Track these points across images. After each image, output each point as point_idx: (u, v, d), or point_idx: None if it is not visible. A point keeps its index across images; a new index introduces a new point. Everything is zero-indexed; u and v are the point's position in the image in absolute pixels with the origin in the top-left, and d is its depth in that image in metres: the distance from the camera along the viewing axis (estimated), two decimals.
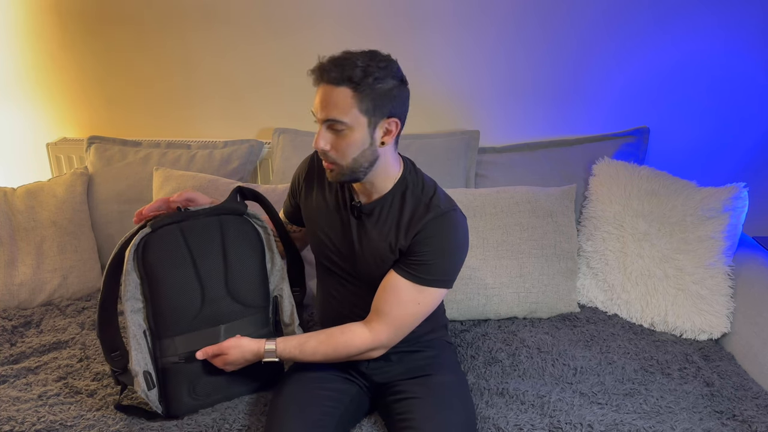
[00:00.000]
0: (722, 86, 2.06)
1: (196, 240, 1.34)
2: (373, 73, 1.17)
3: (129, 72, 2.23)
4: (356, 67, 1.16)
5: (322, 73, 1.18)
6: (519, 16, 2.03)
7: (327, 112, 1.19)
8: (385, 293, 1.29)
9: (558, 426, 1.30)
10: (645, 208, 1.79)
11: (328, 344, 1.31)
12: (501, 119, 2.17)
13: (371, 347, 1.30)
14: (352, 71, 1.16)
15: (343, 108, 1.17)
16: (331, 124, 1.19)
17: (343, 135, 1.20)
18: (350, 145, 1.20)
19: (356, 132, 1.19)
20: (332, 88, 1.17)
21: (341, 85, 1.17)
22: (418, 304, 1.29)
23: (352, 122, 1.18)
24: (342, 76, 1.16)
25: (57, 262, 1.90)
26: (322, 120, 1.20)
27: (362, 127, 1.19)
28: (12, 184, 2.04)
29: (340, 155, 1.22)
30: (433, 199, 1.29)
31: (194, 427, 1.31)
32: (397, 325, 1.30)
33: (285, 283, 1.46)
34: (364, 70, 1.16)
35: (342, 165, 1.23)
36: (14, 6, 2.16)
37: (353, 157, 1.21)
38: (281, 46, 2.13)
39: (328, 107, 1.18)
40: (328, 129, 1.21)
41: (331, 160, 1.24)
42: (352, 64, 1.16)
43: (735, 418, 1.36)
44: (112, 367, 1.35)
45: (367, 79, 1.16)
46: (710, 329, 1.67)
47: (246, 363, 1.35)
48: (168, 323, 1.32)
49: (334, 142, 1.21)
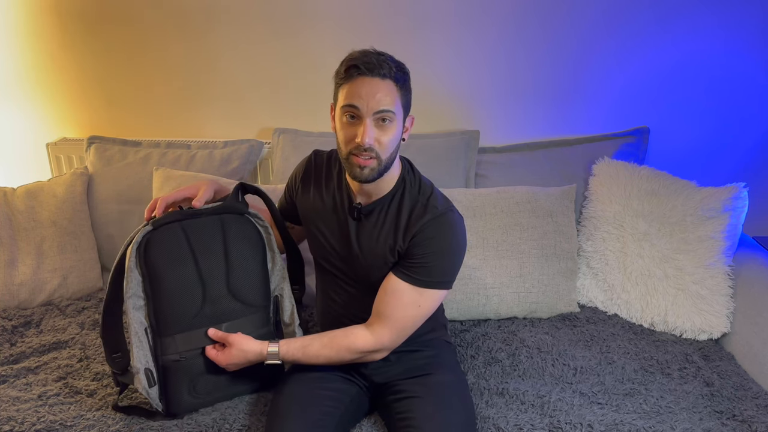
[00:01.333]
0: (722, 86, 2.06)
1: (198, 238, 1.35)
2: (404, 68, 1.25)
3: (129, 72, 2.23)
4: (394, 63, 1.23)
5: (371, 68, 1.20)
6: (519, 16, 2.03)
7: (378, 102, 1.20)
8: (386, 296, 1.29)
9: (558, 426, 1.30)
10: (645, 208, 1.79)
11: (331, 347, 1.31)
12: (501, 119, 2.17)
13: (373, 350, 1.31)
14: (394, 66, 1.22)
15: (392, 100, 1.21)
16: (382, 116, 1.21)
17: (387, 128, 1.22)
18: (392, 138, 1.24)
19: (397, 125, 1.24)
20: (380, 80, 1.20)
21: (387, 78, 1.21)
22: (418, 307, 1.29)
23: (396, 113, 1.23)
24: (389, 71, 1.21)
25: (57, 262, 1.90)
26: (373, 112, 1.20)
27: (400, 120, 1.25)
28: (12, 184, 2.04)
29: (383, 149, 1.23)
30: (431, 199, 1.29)
31: (194, 427, 1.31)
32: (399, 327, 1.30)
33: (286, 283, 1.46)
34: (400, 68, 1.23)
35: (382, 159, 1.24)
36: (14, 6, 2.16)
37: (391, 150, 1.25)
38: (281, 46, 2.13)
39: (380, 99, 1.20)
40: (374, 123, 1.22)
41: (376, 153, 1.23)
42: (389, 61, 1.22)
43: (735, 418, 1.36)
44: (112, 369, 1.36)
45: (406, 77, 1.25)
46: (710, 329, 1.67)
47: (248, 363, 1.35)
48: (169, 321, 1.33)
49: (378, 136, 1.22)
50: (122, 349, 1.36)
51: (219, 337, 1.35)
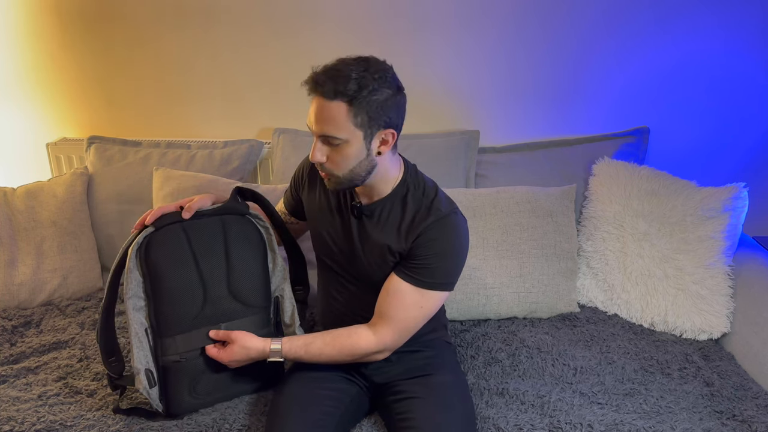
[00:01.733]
0: (722, 86, 2.06)
1: (199, 239, 1.35)
2: (368, 85, 1.14)
3: (129, 72, 2.23)
4: (350, 80, 1.13)
5: (316, 86, 1.16)
6: (519, 16, 2.03)
7: (321, 127, 1.17)
8: (388, 297, 1.29)
9: (558, 426, 1.30)
10: (645, 208, 1.79)
11: (333, 346, 1.31)
12: (501, 119, 2.17)
13: (376, 350, 1.31)
14: (346, 84, 1.13)
15: (338, 123, 1.15)
16: (326, 139, 1.19)
17: (338, 149, 1.19)
18: (346, 157, 1.20)
19: (352, 145, 1.18)
20: (326, 101, 1.15)
21: (336, 98, 1.14)
22: (421, 308, 1.29)
23: (347, 137, 1.17)
24: (336, 89, 1.13)
25: (57, 262, 1.90)
26: (317, 134, 1.19)
27: (358, 140, 1.18)
28: (12, 184, 2.04)
29: (337, 167, 1.22)
30: (434, 202, 1.29)
31: (194, 427, 1.31)
32: (401, 328, 1.30)
33: (286, 284, 1.46)
34: (359, 83, 1.13)
35: (339, 176, 1.23)
36: (14, 6, 2.16)
37: (350, 168, 1.21)
38: (281, 47, 2.13)
39: (323, 122, 1.16)
40: (323, 143, 1.20)
41: (327, 171, 1.24)
42: (346, 77, 1.13)
43: (735, 418, 1.36)
44: (108, 372, 1.36)
45: (362, 92, 1.13)
46: (710, 329, 1.67)
47: (249, 361, 1.35)
48: (169, 322, 1.33)
49: (330, 155, 1.21)
50: (116, 353, 1.37)
51: (221, 336, 1.34)
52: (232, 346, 1.32)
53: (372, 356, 1.32)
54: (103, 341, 1.34)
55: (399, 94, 1.20)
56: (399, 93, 1.20)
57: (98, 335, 1.34)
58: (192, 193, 1.82)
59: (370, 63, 1.17)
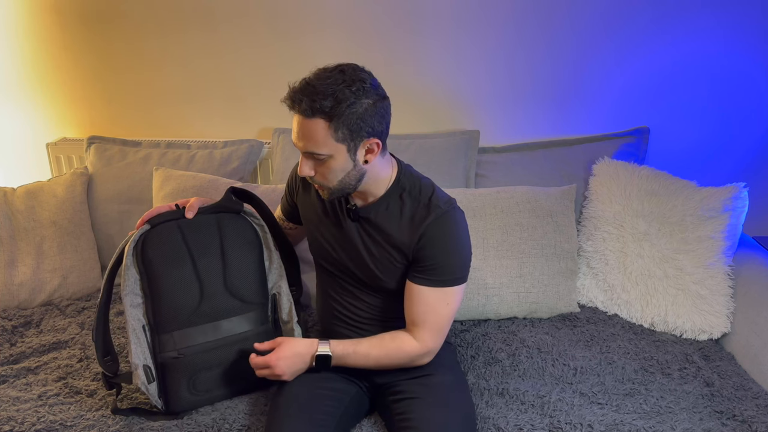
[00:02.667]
0: (722, 86, 2.06)
1: (195, 237, 1.36)
2: (347, 99, 1.13)
3: (129, 72, 2.23)
4: (327, 97, 1.12)
5: (293, 104, 1.16)
6: (519, 16, 2.03)
7: (304, 144, 1.19)
8: (414, 305, 1.31)
9: (558, 426, 1.30)
10: (645, 208, 1.79)
11: (380, 347, 1.32)
12: (501, 119, 2.17)
13: (421, 353, 1.32)
14: (322, 101, 1.12)
15: (319, 140, 1.16)
16: (311, 155, 1.20)
17: (324, 163, 1.20)
18: (333, 170, 1.21)
19: (336, 160, 1.19)
20: (305, 119, 1.16)
21: (314, 116, 1.14)
22: (447, 304, 1.31)
23: (330, 152, 1.18)
24: (313, 107, 1.13)
25: (57, 262, 1.90)
26: (302, 151, 1.21)
27: (342, 154, 1.19)
28: (12, 184, 2.04)
29: (325, 180, 1.24)
30: (432, 198, 1.30)
31: (194, 427, 1.31)
32: (437, 329, 1.32)
33: (283, 281, 1.48)
34: (335, 98, 1.13)
35: (330, 187, 1.25)
36: (14, 6, 2.16)
37: (339, 179, 1.23)
38: (281, 47, 2.13)
39: (305, 140, 1.18)
40: (309, 158, 1.21)
41: (318, 183, 1.26)
42: (322, 94, 1.12)
43: (735, 418, 1.36)
44: (104, 372, 1.36)
45: (340, 107, 1.13)
46: (710, 329, 1.67)
47: (298, 358, 1.30)
48: (167, 319, 1.34)
49: (317, 169, 1.23)
50: (111, 352, 1.37)
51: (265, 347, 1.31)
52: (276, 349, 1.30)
53: (418, 360, 1.34)
54: (99, 340, 1.35)
55: (380, 101, 1.19)
56: (380, 100, 1.19)
57: (94, 334, 1.35)
58: (192, 193, 1.83)
59: (346, 74, 1.16)
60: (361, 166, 1.23)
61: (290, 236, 1.57)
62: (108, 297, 1.35)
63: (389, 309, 1.39)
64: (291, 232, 1.57)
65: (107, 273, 1.35)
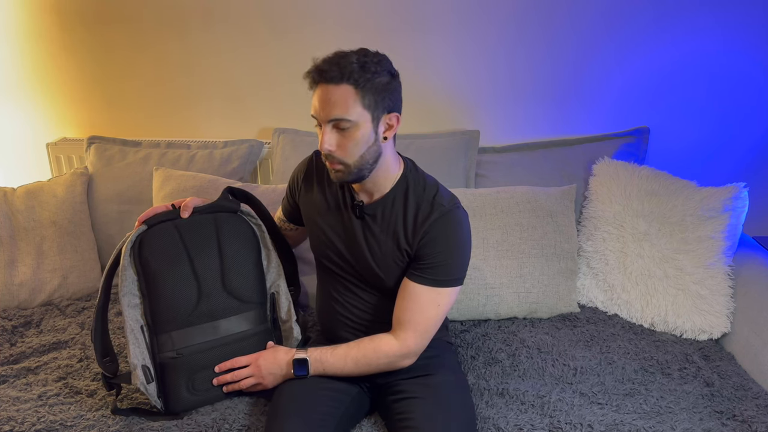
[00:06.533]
0: (722, 86, 2.06)
1: (192, 237, 1.36)
2: (370, 68, 1.18)
3: (129, 72, 2.23)
4: (353, 63, 1.17)
5: (321, 74, 1.19)
6: (519, 16, 2.03)
7: (330, 111, 1.19)
8: (404, 302, 1.31)
9: (558, 426, 1.30)
10: (645, 208, 1.79)
11: (358, 348, 1.32)
12: (501, 119, 2.17)
13: (400, 355, 1.32)
14: (350, 67, 1.17)
15: (347, 105, 1.18)
16: (337, 123, 1.20)
17: (348, 133, 1.20)
18: (357, 142, 1.21)
19: (361, 128, 1.20)
20: (333, 87, 1.18)
21: (342, 82, 1.18)
22: (438, 306, 1.30)
23: (357, 119, 1.19)
24: (342, 73, 1.17)
25: (57, 262, 1.90)
26: (327, 120, 1.20)
27: (367, 123, 1.21)
28: (12, 184, 2.04)
29: (347, 154, 1.22)
30: (436, 197, 1.30)
31: (194, 427, 1.31)
32: (422, 330, 1.31)
33: (282, 280, 1.48)
34: (362, 66, 1.18)
35: (349, 164, 1.23)
36: (14, 6, 2.16)
37: (360, 154, 1.22)
38: (281, 47, 2.13)
39: (332, 107, 1.19)
40: (333, 129, 1.21)
41: (338, 160, 1.24)
42: (348, 62, 1.18)
43: (735, 418, 1.35)
44: (103, 372, 1.36)
45: (366, 74, 1.18)
46: (710, 329, 1.67)
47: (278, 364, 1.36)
48: (165, 319, 1.34)
49: (340, 142, 1.22)
50: (110, 353, 1.38)
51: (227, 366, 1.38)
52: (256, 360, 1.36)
53: (398, 362, 1.33)
54: (97, 341, 1.35)
55: (397, 79, 1.25)
56: (396, 79, 1.25)
57: (92, 335, 1.35)
58: (192, 193, 1.83)
59: (367, 51, 1.22)
60: (380, 143, 1.24)
61: (290, 238, 1.57)
62: (106, 298, 1.35)
63: (390, 310, 1.38)
64: (291, 233, 1.57)
65: (105, 274, 1.35)
